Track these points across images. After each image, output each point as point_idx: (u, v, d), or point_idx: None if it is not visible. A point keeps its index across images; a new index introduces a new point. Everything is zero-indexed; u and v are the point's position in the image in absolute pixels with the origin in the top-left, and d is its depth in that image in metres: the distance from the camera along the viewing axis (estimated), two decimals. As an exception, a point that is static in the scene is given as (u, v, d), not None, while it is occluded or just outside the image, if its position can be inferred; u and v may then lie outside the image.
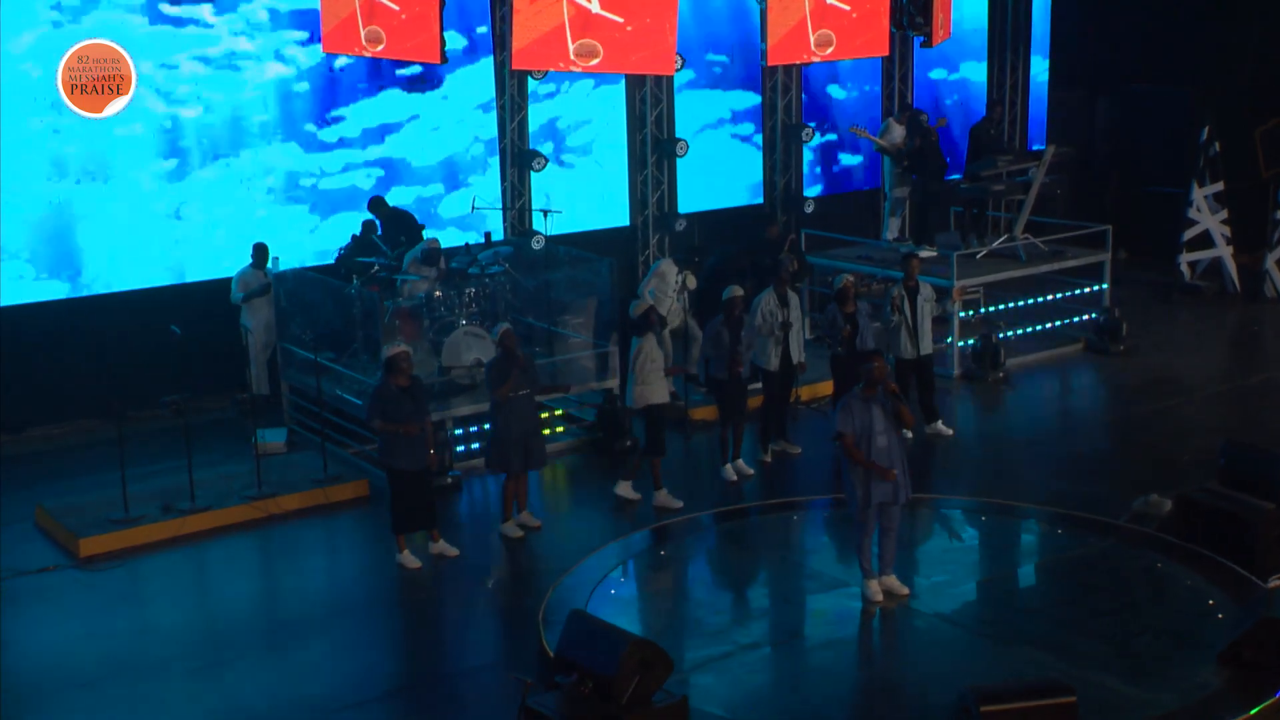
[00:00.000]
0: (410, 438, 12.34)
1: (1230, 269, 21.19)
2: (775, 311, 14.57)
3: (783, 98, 21.02)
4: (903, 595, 11.14)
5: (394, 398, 12.30)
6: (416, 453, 12.49)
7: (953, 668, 10.10)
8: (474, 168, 18.82)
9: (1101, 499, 13.31)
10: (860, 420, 10.88)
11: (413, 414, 12.34)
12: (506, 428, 12.89)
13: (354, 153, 17.82)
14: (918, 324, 15.14)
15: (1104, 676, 9.83)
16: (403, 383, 12.35)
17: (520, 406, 12.91)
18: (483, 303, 15.65)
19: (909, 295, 15.23)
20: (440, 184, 18.60)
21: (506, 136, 18.91)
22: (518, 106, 18.89)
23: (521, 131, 19.01)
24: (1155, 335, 19.14)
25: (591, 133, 19.77)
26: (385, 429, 12.26)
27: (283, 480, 14.28)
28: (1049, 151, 18.35)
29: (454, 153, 18.68)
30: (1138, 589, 11.31)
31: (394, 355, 12.36)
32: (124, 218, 16.38)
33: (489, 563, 12.86)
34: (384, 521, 13.88)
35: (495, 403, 12.90)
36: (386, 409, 12.29)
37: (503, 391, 12.73)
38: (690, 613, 11.44)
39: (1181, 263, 21.24)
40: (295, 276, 16.18)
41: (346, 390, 15.37)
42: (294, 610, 12.04)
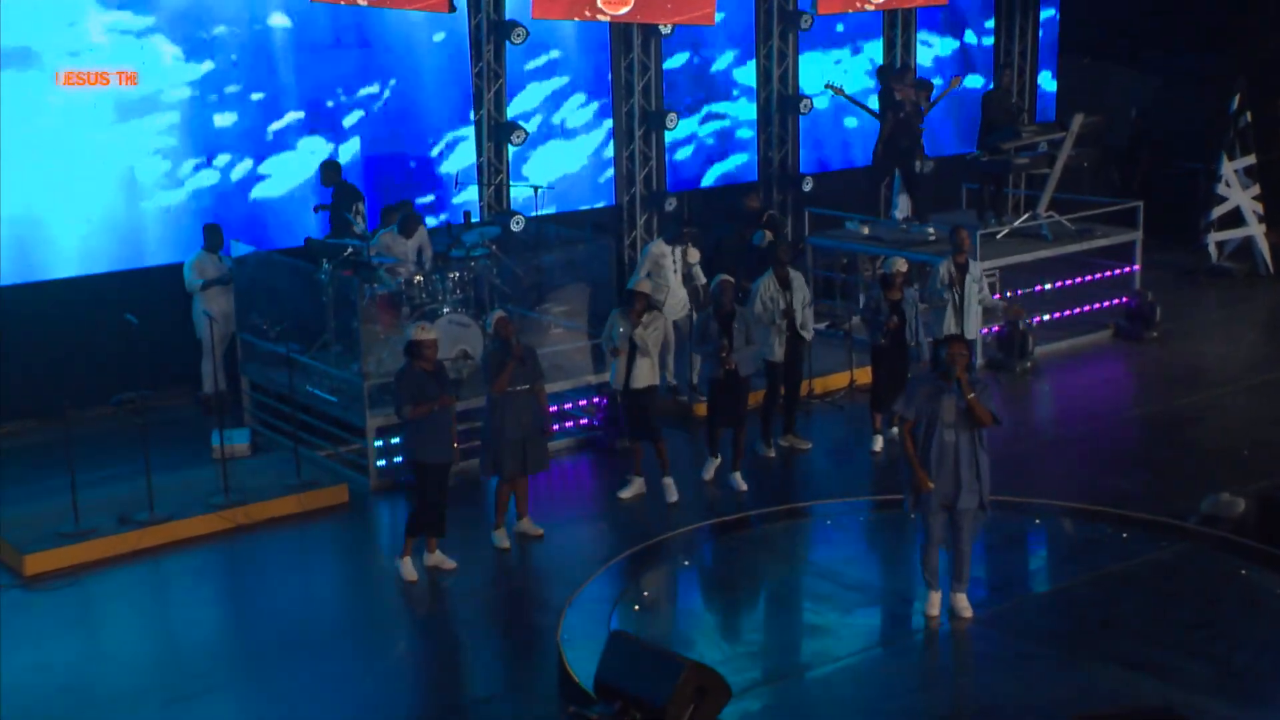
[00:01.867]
0: (440, 426, 11.68)
1: (1262, 248, 20.70)
2: (776, 297, 13.86)
3: (778, 66, 20.35)
4: (965, 617, 10.45)
5: (420, 382, 11.61)
6: (445, 444, 11.81)
7: (1037, 692, 9.43)
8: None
9: (1157, 498, 12.74)
10: (925, 408, 10.16)
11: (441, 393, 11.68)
12: (502, 428, 12.14)
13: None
14: (964, 305, 14.49)
15: (1210, 701, 9.17)
16: (428, 367, 11.67)
17: (518, 404, 12.18)
18: (468, 289, 14.88)
19: (957, 272, 14.56)
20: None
21: (483, 107, 18.13)
22: (495, 74, 18.11)
23: (499, 102, 18.24)
24: (1187, 320, 18.60)
25: (574, 104, 19.00)
26: (418, 413, 11.53)
27: (252, 486, 13.45)
28: (1077, 121, 17.72)
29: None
30: (1226, 599, 10.68)
31: (420, 339, 11.67)
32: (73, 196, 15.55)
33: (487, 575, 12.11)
34: (367, 530, 13.20)
35: (491, 399, 12.15)
36: (414, 393, 11.56)
37: (500, 384, 12.00)
38: (728, 630, 10.72)
39: (1209, 242, 20.73)
40: (257, 260, 15.33)
41: (318, 386, 14.56)
42: (271, 634, 11.16)
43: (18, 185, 15.18)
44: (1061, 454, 14.27)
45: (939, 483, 10.25)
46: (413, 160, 17.79)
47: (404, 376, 11.68)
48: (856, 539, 12.44)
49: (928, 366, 13.33)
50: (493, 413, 12.19)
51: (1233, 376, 16.48)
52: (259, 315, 15.35)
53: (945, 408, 10.13)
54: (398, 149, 17.68)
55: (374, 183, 17.33)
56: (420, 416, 11.55)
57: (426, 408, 11.52)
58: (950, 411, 10.11)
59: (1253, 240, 20.74)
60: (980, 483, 10.21)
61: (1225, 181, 20.55)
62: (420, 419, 11.59)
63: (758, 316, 13.82)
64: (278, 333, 14.91)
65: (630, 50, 18.97)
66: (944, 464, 10.24)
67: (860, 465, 14.22)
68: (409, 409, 11.58)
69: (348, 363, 14.70)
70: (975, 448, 10.18)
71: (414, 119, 17.82)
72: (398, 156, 17.68)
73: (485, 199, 18.18)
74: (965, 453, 10.16)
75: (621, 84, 19.16)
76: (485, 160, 18.22)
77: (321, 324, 14.90)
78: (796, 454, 14.27)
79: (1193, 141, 22.49)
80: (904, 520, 12.48)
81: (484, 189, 18.09)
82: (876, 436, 14.45)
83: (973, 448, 10.17)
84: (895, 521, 12.55)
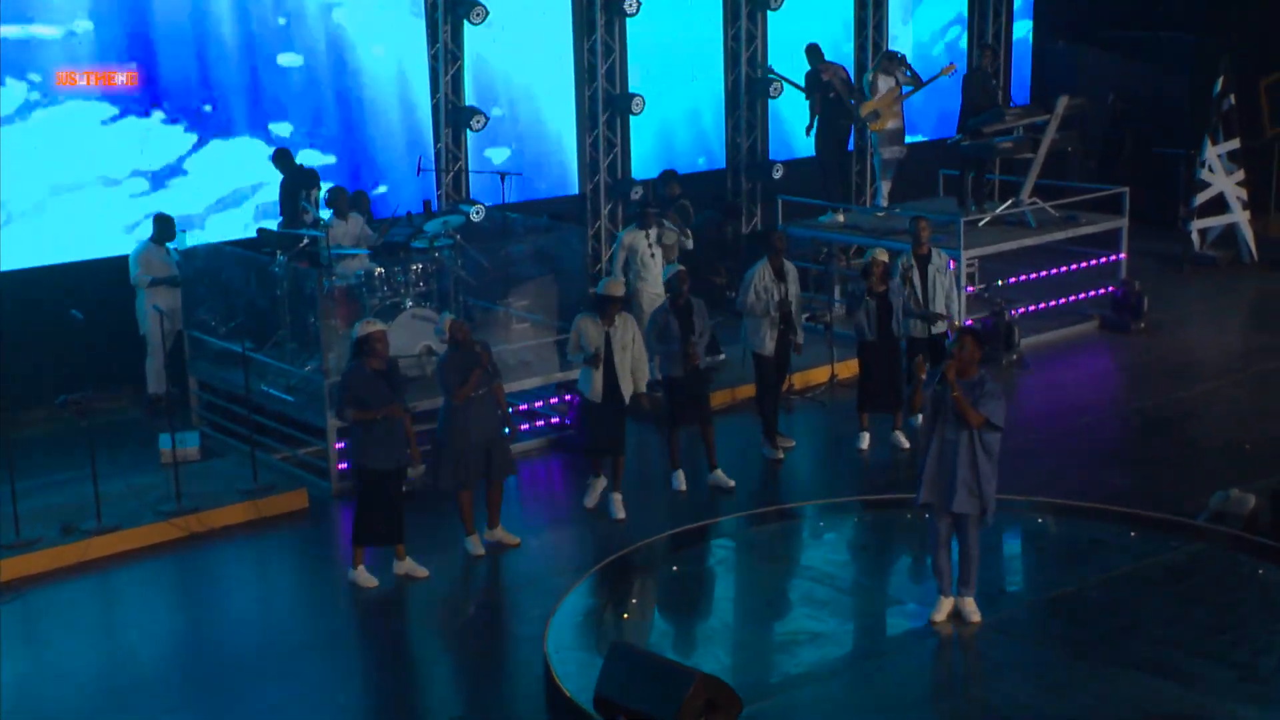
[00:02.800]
0: (389, 431, 11.24)
1: (1246, 235, 20.61)
2: (771, 288, 13.50)
3: (746, 48, 20.06)
4: (973, 623, 10.18)
5: (368, 383, 11.17)
6: (394, 449, 11.36)
7: (1056, 701, 9.14)
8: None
9: (1161, 495, 12.53)
10: (933, 406, 9.89)
11: (391, 401, 11.26)
12: (466, 431, 11.73)
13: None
14: (929, 297, 14.22)
15: (1236, 707, 8.93)
16: (378, 365, 11.22)
17: (479, 407, 11.77)
18: (431, 281, 14.47)
19: (919, 264, 14.30)
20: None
21: (440, 91, 17.73)
22: (453, 56, 17.72)
23: (457, 85, 17.85)
24: (1174, 310, 18.46)
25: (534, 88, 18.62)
26: (361, 418, 11.10)
27: (205, 492, 13.03)
28: (1061, 103, 17.51)
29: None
30: (1245, 601, 10.45)
31: (368, 334, 11.22)
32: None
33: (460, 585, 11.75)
34: (329, 537, 12.80)
35: (450, 407, 11.74)
36: (361, 396, 11.13)
37: (464, 393, 11.60)
38: (724, 639, 10.39)
39: (1192, 229, 20.63)
40: (207, 252, 14.87)
41: (273, 385, 14.13)
42: (229, 651, 10.72)
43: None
44: (1055, 450, 14.03)
45: (938, 483, 9.97)
46: (373, 150, 17.40)
47: (352, 376, 11.21)
48: (850, 541, 12.14)
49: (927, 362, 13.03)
50: (453, 420, 11.76)
51: (1226, 369, 16.33)
52: (208, 311, 14.91)
53: (949, 405, 9.85)
54: (359, 138, 17.28)
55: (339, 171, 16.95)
56: (362, 424, 11.13)
57: (372, 414, 11.09)
58: (949, 408, 9.84)
59: (1236, 227, 20.64)
60: (980, 488, 9.92)
61: (1209, 167, 20.44)
62: (367, 423, 11.16)
63: (750, 307, 13.48)
64: (229, 329, 14.46)
65: (594, 31, 18.63)
66: (943, 463, 9.97)
67: (847, 464, 13.93)
68: (351, 412, 11.14)
69: (304, 360, 14.30)
70: (974, 449, 9.90)
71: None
72: (358, 146, 17.28)
73: (444, 187, 17.79)
74: (963, 453, 9.88)
75: (584, 67, 18.81)
76: (443, 147, 17.83)
77: (276, 319, 14.47)
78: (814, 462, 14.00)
79: (1174, 126, 22.42)
80: (897, 521, 12.30)
81: (442, 176, 17.70)
82: (863, 434, 14.19)
83: (971, 450, 9.89)
84: (888, 522, 12.32)
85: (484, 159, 18.05)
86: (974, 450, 9.86)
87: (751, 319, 13.56)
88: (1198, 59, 22.38)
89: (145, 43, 15.66)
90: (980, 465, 9.88)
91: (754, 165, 20.21)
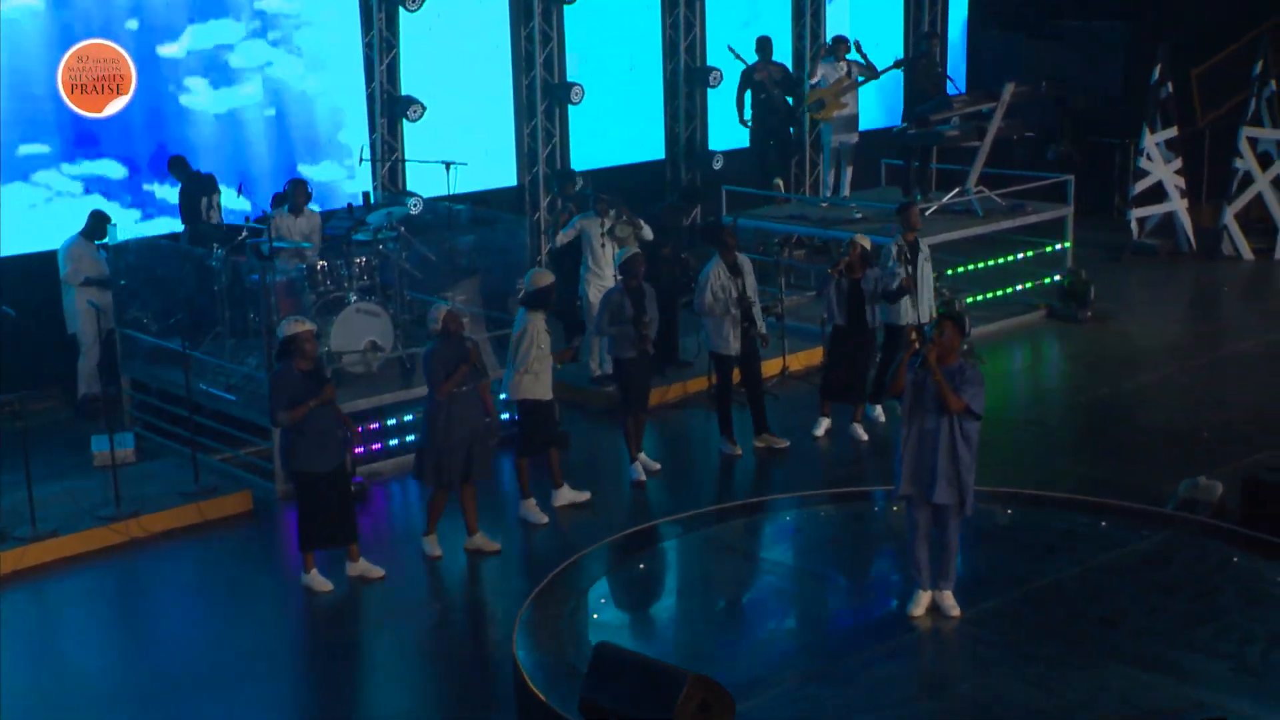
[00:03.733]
0: (322, 430, 10.86)
1: (1185, 224, 20.62)
2: (728, 285, 13.15)
3: (685, 36, 19.80)
4: (953, 617, 9.96)
5: (297, 384, 10.78)
6: (329, 450, 10.97)
7: (1048, 696, 8.92)
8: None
9: (1124, 484, 12.41)
10: (913, 394, 9.65)
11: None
12: (448, 431, 11.34)
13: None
14: (918, 285, 14.01)
15: (1232, 700, 8.73)
16: (305, 366, 10.84)
17: (465, 404, 11.38)
18: (374, 274, 14.07)
19: (910, 251, 14.07)
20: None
21: (375, 79, 17.31)
22: (388, 44, 17.31)
23: (392, 74, 17.43)
24: (1118, 299, 18.41)
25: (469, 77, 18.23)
26: (295, 417, 10.69)
27: (144, 495, 12.58)
28: (1008, 90, 17.36)
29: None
30: (1225, 590, 10.28)
31: (295, 333, 10.82)
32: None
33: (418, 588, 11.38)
34: (275, 540, 12.40)
35: (434, 401, 11.37)
36: (292, 399, 10.73)
37: (448, 388, 11.23)
38: (700, 639, 10.05)
39: (1132, 218, 20.62)
40: (140, 247, 14.36)
41: (212, 384, 13.67)
42: (176, 663, 10.30)
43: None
44: (1013, 439, 13.89)
45: (917, 473, 9.75)
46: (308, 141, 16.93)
47: (279, 379, 10.82)
48: (817, 535, 11.88)
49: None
50: (435, 415, 11.38)
51: (1176, 357, 16.27)
52: (141, 307, 14.41)
53: (929, 392, 9.63)
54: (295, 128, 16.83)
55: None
56: (300, 419, 10.72)
57: (304, 409, 10.69)
58: (933, 396, 9.61)
59: (1175, 216, 20.66)
60: (960, 478, 9.70)
61: (1147, 155, 20.43)
62: (301, 426, 10.76)
63: (708, 307, 13.14)
64: (168, 326, 13.98)
65: (531, 19, 18.30)
66: (922, 452, 9.75)
67: (807, 456, 13.68)
68: (285, 414, 10.74)
69: (243, 356, 13.88)
70: (954, 439, 9.68)
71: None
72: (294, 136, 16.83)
73: (379, 178, 17.38)
74: (944, 442, 9.65)
75: (521, 55, 18.47)
76: (379, 137, 17.42)
77: (213, 315, 14.02)
78: (776, 454, 13.61)
79: (1109, 114, 22.42)
80: (865, 514, 12.08)
81: (378, 167, 17.29)
82: (822, 420, 13.97)
83: (951, 438, 9.67)
84: (855, 515, 12.08)
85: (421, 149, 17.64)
86: (954, 439, 9.65)
87: (712, 320, 13.24)
88: (1132, 48, 22.41)
89: (67, 31, 15.13)
90: (960, 454, 9.67)
91: (694, 155, 19.96)
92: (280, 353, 10.91)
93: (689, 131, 19.97)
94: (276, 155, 16.60)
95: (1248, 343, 16.72)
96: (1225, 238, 20.45)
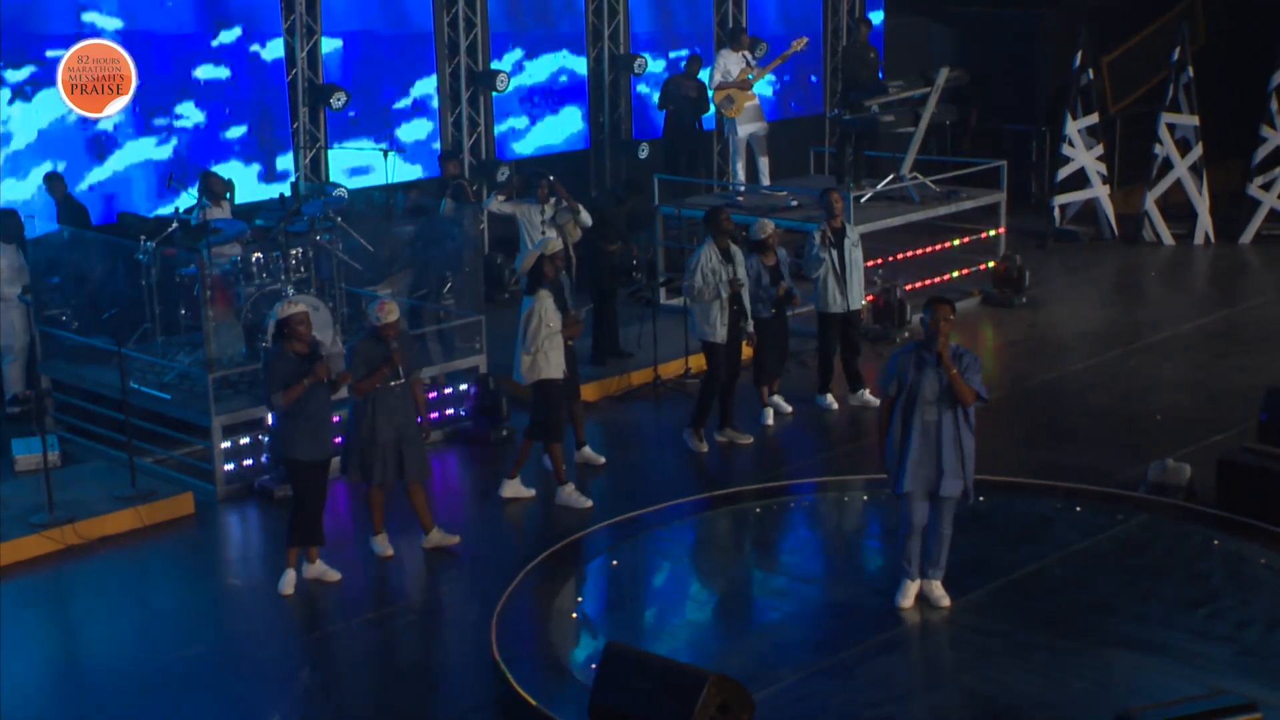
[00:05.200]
0: (318, 418, 10.43)
1: (1107, 210, 20.66)
2: (719, 269, 12.73)
3: (609, 23, 19.43)
4: (943, 607, 9.71)
5: (291, 366, 10.30)
6: (321, 439, 10.52)
7: (1053, 686, 8.72)
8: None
9: (1084, 469, 12.27)
10: (909, 380, 9.36)
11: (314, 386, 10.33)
12: (373, 428, 10.84)
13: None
14: (848, 272, 13.76)
15: (1238, 683, 8.53)
16: (300, 349, 10.35)
17: (390, 401, 10.86)
18: (310, 266, 13.53)
19: (835, 238, 13.84)
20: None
21: (296, 66, 16.74)
22: (310, 31, 16.75)
23: (314, 61, 16.88)
24: (1047, 285, 18.38)
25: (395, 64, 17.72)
26: (290, 398, 10.21)
27: (79, 500, 11.93)
28: (942, 75, 17.17)
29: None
30: (1211, 572, 10.15)
31: (289, 316, 10.34)
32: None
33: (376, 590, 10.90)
34: (222, 544, 11.89)
35: (355, 400, 10.91)
36: (287, 381, 10.25)
37: (366, 387, 10.75)
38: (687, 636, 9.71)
39: (1055, 205, 20.62)
40: (60, 241, 13.69)
41: (142, 382, 13.05)
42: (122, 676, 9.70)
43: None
44: (967, 426, 13.70)
45: (921, 467, 9.44)
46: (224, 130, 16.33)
47: (274, 362, 10.35)
48: (793, 527, 11.60)
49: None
50: (360, 412, 10.89)
51: (1115, 341, 16.21)
52: (62, 303, 13.75)
53: (927, 383, 9.33)
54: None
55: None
56: (294, 401, 10.23)
57: (298, 388, 10.21)
58: (932, 388, 9.32)
59: (1097, 202, 20.69)
60: (964, 468, 9.46)
61: (1069, 141, 20.44)
62: (295, 411, 10.30)
63: (697, 291, 12.77)
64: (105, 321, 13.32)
65: (454, 4, 17.82)
66: (926, 446, 9.44)
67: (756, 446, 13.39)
68: (279, 396, 10.27)
69: (174, 353, 13.29)
70: (958, 428, 9.43)
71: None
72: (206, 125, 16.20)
73: (301, 169, 16.81)
74: (948, 433, 9.39)
75: (444, 41, 17.99)
76: (301, 125, 16.85)
77: (141, 310, 13.38)
78: (737, 449, 13.25)
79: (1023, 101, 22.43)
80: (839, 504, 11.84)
81: (300, 157, 16.72)
82: (765, 410, 13.71)
83: (956, 428, 9.41)
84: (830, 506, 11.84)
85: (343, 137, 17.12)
86: (958, 429, 9.40)
87: (700, 305, 12.84)
88: (1046, 35, 22.45)
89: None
90: (964, 444, 9.43)
91: (618, 144, 19.60)
92: (275, 335, 10.43)
93: (613, 120, 19.61)
94: (192, 143, 16.00)
95: (1184, 326, 16.73)
96: (1146, 223, 20.52)
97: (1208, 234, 20.41)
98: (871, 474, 12.22)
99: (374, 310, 10.86)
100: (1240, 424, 13.26)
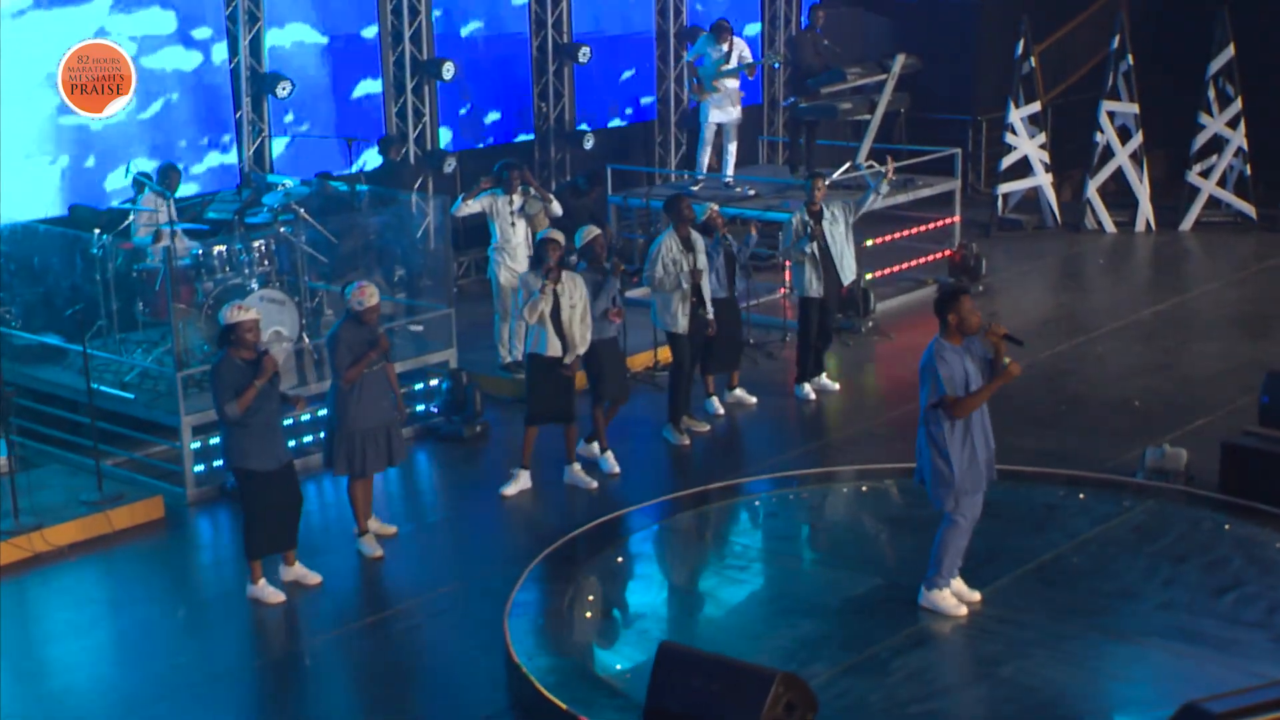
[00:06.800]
0: (268, 426, 9.95)
1: (1050, 199, 20.62)
2: (680, 259, 12.48)
3: (552, 11, 19.02)
4: (973, 600, 9.44)
5: (240, 373, 9.81)
6: (274, 446, 10.05)
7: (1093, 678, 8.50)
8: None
9: (1075, 455, 12.16)
10: (959, 376, 9.01)
11: (264, 391, 9.86)
12: (361, 417, 10.48)
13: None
14: (838, 255, 13.57)
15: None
16: (247, 355, 9.87)
17: (375, 388, 10.56)
18: (273, 259, 13.01)
19: (815, 223, 13.60)
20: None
21: (239, 54, 16.14)
22: (252, 17, 16.16)
23: (257, 49, 16.28)
24: (1001, 274, 18.27)
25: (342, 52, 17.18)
26: (244, 403, 9.72)
27: (42, 506, 11.35)
28: (898, 62, 17.00)
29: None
30: (1231, 557, 9.99)
31: (236, 321, 9.84)
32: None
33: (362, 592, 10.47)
34: (195, 548, 11.41)
35: (340, 388, 10.49)
36: (236, 389, 9.75)
37: (354, 373, 10.36)
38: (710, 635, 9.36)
39: (998, 193, 20.55)
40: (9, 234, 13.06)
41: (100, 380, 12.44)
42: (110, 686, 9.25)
43: None
44: (946, 415, 13.50)
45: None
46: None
47: (221, 369, 9.84)
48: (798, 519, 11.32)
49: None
50: (346, 401, 10.50)
51: (1079, 328, 16.12)
52: (8, 299, 13.11)
53: (971, 373, 9.01)
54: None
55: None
56: (248, 406, 9.75)
57: (251, 390, 9.73)
58: (976, 376, 9.02)
59: (1040, 191, 20.65)
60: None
61: (1012, 130, 20.38)
62: (245, 419, 9.80)
63: (658, 281, 12.45)
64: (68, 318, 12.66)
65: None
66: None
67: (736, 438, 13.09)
68: (232, 405, 9.77)
69: (132, 351, 12.71)
70: (985, 415, 9.18)
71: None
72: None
73: (245, 160, 16.21)
74: (987, 421, 9.14)
75: (388, 29, 17.47)
76: (243, 115, 16.25)
77: (97, 307, 12.79)
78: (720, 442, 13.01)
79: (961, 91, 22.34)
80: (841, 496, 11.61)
81: (244, 148, 16.13)
82: (712, 399, 13.45)
83: (983, 416, 9.16)
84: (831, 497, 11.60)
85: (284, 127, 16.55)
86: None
87: (660, 295, 12.54)
88: (984, 23, 22.38)
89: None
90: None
91: (563, 134, 19.20)
92: (220, 341, 9.91)
93: (557, 110, 19.20)
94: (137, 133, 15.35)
95: (1143, 313, 16.70)
96: (1088, 211, 20.52)
97: (1149, 221, 20.44)
98: (864, 464, 12.08)
99: (354, 294, 10.48)
100: (1219, 408, 13.25)
